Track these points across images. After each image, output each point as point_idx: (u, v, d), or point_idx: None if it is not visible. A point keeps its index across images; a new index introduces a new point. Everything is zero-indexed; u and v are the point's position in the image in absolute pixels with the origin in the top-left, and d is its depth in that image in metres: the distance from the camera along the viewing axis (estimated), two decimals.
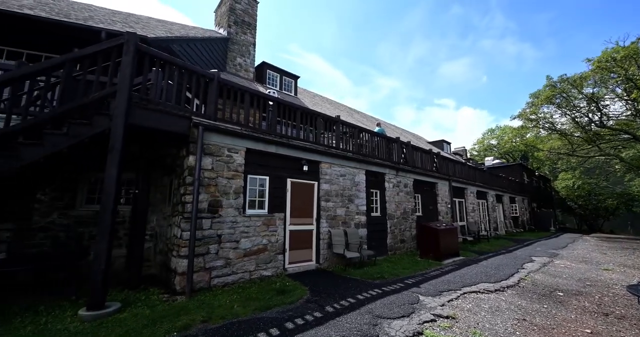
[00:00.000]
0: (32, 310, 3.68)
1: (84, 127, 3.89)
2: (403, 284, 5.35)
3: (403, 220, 9.22)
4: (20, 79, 3.83)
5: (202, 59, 9.42)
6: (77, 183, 5.97)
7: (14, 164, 3.53)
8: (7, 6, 6.21)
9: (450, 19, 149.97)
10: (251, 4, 13.05)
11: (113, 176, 3.81)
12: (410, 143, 10.56)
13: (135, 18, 9.53)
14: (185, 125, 4.77)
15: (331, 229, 6.83)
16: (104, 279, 3.63)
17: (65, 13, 7.07)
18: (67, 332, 3.11)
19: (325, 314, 3.77)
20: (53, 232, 5.62)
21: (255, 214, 5.55)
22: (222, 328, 3.29)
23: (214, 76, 5.33)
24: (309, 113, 7.15)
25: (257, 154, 5.77)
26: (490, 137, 41.47)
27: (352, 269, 6.32)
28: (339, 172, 7.37)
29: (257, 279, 5.26)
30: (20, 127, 3.66)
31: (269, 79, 12.91)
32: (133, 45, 4.17)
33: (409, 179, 9.92)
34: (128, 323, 3.33)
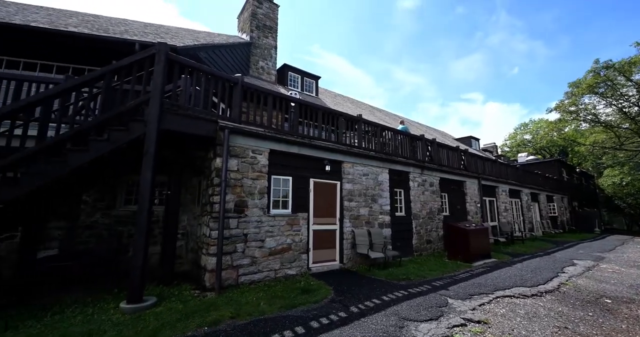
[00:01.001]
0: (81, 302, 4.03)
1: (122, 133, 4.18)
2: (430, 286, 5.20)
3: (429, 220, 8.94)
4: (68, 91, 4.21)
5: (227, 64, 9.76)
6: (116, 185, 6.45)
7: (64, 168, 3.89)
8: (55, 25, 6.84)
9: (455, 19, 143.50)
10: (272, 8, 13.30)
11: (148, 178, 4.07)
12: (436, 140, 10.21)
13: (165, 29, 10.09)
14: (212, 129, 4.98)
15: (354, 229, 6.79)
16: (141, 274, 3.88)
17: (104, 28, 7.65)
18: (110, 322, 3.37)
19: (350, 315, 3.76)
20: (97, 231, 6.11)
21: (280, 213, 5.65)
22: (250, 325, 3.40)
23: (238, 80, 5.51)
24: (330, 113, 7.16)
25: (280, 154, 5.88)
26: (523, 132, 38.92)
27: (377, 270, 6.24)
28: (361, 171, 7.30)
29: (282, 277, 5.36)
30: (68, 135, 4.02)
31: (291, 81, 13.09)
32: (164, 54, 4.42)
33: (435, 177, 9.60)
34: (163, 317, 3.54)
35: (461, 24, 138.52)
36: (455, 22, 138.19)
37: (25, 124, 4.06)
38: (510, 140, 39.78)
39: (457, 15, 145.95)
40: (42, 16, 7.74)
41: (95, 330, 3.15)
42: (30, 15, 7.64)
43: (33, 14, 7.92)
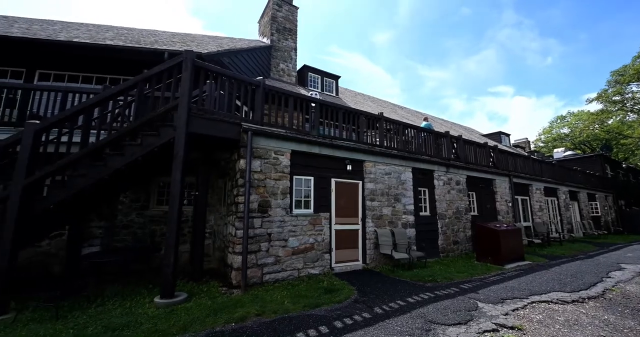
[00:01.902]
0: (120, 295, 4.33)
1: (153, 138, 4.45)
2: (458, 288, 5.00)
3: (456, 220, 8.60)
4: (106, 100, 4.55)
5: (249, 68, 10.02)
6: (149, 187, 6.85)
7: (104, 171, 4.21)
8: (94, 40, 7.41)
9: (461, 19, 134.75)
10: (291, 11, 13.47)
11: (178, 180, 4.29)
12: (462, 137, 9.80)
13: (191, 37, 10.56)
14: (236, 131, 5.14)
15: (377, 229, 6.70)
16: (172, 271, 4.10)
17: (136, 40, 8.16)
18: (146, 316, 3.59)
19: (374, 316, 3.71)
20: (133, 229, 6.54)
21: (302, 213, 5.72)
22: (275, 322, 3.47)
23: (259, 83, 5.64)
24: (351, 112, 7.12)
25: (301, 155, 5.94)
26: (560, 126, 36.14)
27: (401, 271, 6.11)
28: (383, 170, 7.19)
29: (305, 276, 5.42)
30: (106, 141, 4.34)
31: (311, 81, 13.18)
32: (190, 62, 4.64)
33: (462, 175, 9.22)
34: (194, 312, 3.71)
35: (468, 24, 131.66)
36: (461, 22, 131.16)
37: (70, 132, 4.44)
38: (545, 135, 37.14)
39: (462, 16, 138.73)
40: (82, 32, 8.41)
41: (133, 322, 3.37)
42: (73, 31, 8.33)
43: (75, 30, 8.62)
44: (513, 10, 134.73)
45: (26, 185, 3.91)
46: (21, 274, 4.84)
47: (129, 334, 3.08)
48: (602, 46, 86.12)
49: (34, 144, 4.06)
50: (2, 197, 3.92)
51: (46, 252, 5.82)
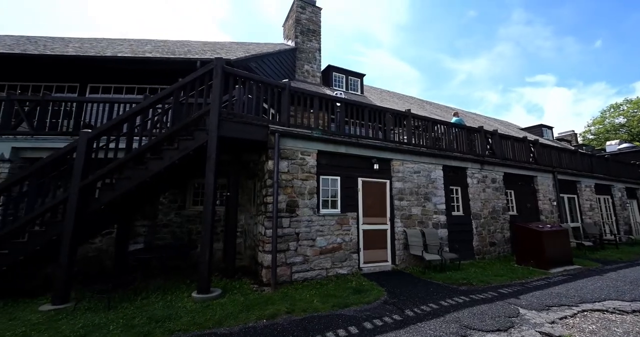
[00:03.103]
0: (161, 289, 4.66)
1: (188, 142, 4.73)
2: (496, 293, 4.72)
3: (492, 220, 8.10)
4: (146, 109, 4.93)
5: (274, 71, 10.26)
6: (185, 188, 7.30)
7: (146, 174, 4.56)
8: (135, 53, 8.05)
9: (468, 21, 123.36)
10: (315, 12, 13.56)
11: (211, 181, 4.52)
12: (497, 132, 9.21)
13: (220, 45, 11.06)
14: (263, 133, 5.30)
15: (406, 229, 6.52)
16: (208, 268, 4.32)
17: (171, 51, 8.73)
18: (184, 309, 3.83)
19: (405, 318, 3.63)
20: (172, 228, 7.00)
21: (329, 213, 5.74)
22: (304, 321, 3.52)
23: (285, 86, 5.76)
24: (376, 110, 7.01)
25: (327, 155, 5.96)
26: (614, 115, 32.40)
27: (433, 273, 5.89)
28: (412, 169, 6.98)
29: (333, 276, 5.43)
30: (147, 146, 4.69)
31: (335, 81, 13.17)
32: (220, 68, 4.87)
33: (498, 173, 8.66)
34: (228, 307, 3.88)
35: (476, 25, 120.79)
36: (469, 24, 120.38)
37: (117, 139, 4.86)
38: (596, 126, 33.54)
39: (469, 18, 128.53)
40: (125, 47, 9.17)
41: (174, 315, 3.61)
42: (117, 47, 9.11)
43: (119, 46, 9.43)
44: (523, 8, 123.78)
45: (82, 187, 4.36)
46: (78, 267, 5.40)
47: (170, 326, 3.31)
48: None
49: (87, 151, 4.51)
50: (63, 198, 4.40)
51: (99, 249, 6.43)
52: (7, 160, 5.85)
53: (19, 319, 3.58)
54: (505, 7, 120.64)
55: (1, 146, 5.87)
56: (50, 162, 4.59)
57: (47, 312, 3.75)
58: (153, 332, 3.18)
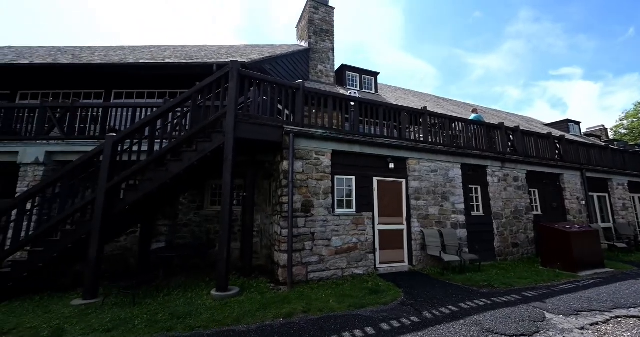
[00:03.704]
0: (182, 286, 4.82)
1: (206, 144, 4.86)
2: (520, 296, 4.53)
3: (514, 220, 7.79)
4: (166, 112, 5.11)
5: (288, 72, 10.35)
6: (204, 189, 7.50)
7: (167, 175, 4.73)
8: (155, 59, 8.36)
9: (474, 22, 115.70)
10: (328, 12, 13.56)
11: (228, 182, 4.63)
12: (519, 128, 8.84)
13: (235, 48, 11.29)
14: (278, 134, 5.36)
15: (424, 229, 6.39)
16: (226, 266, 4.43)
17: (189, 56, 9.00)
18: (204, 306, 3.94)
19: (423, 320, 3.56)
20: (191, 228, 7.22)
21: (344, 213, 5.72)
22: (321, 320, 3.53)
23: (299, 86, 5.80)
24: (391, 108, 6.91)
25: (342, 154, 5.95)
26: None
27: (451, 274, 5.74)
28: (429, 167, 6.83)
29: (349, 276, 5.41)
30: (168, 148, 4.87)
31: (349, 80, 13.10)
32: (236, 71, 4.97)
33: (521, 171, 8.32)
34: (245, 305, 3.96)
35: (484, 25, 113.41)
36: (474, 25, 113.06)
37: (139, 142, 5.07)
38: (629, 120, 31.37)
39: (475, 19, 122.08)
40: (146, 53, 9.56)
41: (194, 311, 3.73)
42: (139, 54, 9.51)
43: (140, 52, 9.84)
44: None
45: (108, 189, 4.59)
46: (105, 265, 5.69)
47: (191, 322, 3.42)
48: None
49: (112, 154, 4.74)
50: (91, 199, 4.64)
51: (124, 247, 6.74)
52: (41, 164, 6.24)
53: (53, 312, 3.82)
54: (510, 6, 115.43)
55: (36, 150, 6.28)
56: (80, 165, 4.86)
57: (78, 307, 3.98)
58: (175, 327, 3.30)
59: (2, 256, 4.58)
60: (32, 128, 6.56)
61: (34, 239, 4.61)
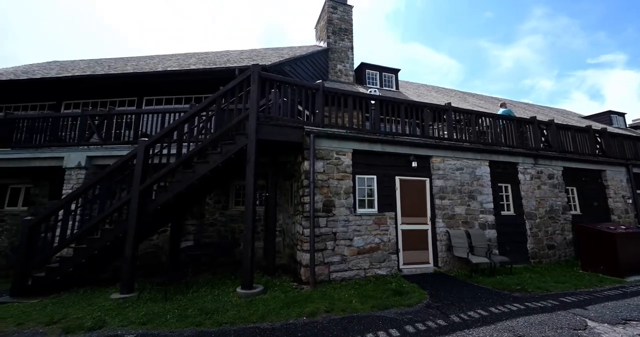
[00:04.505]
0: (210, 284, 5.02)
1: (230, 146, 5.02)
2: (557, 301, 4.24)
3: (550, 220, 7.29)
4: (193, 117, 5.35)
5: (308, 73, 10.43)
6: (228, 190, 7.76)
7: (194, 177, 4.95)
8: (181, 66, 8.77)
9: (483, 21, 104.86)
10: (346, 11, 13.48)
11: (251, 183, 4.75)
12: (554, 122, 8.27)
13: (256, 52, 11.57)
14: (299, 135, 5.42)
15: (449, 230, 6.17)
16: (251, 265, 4.55)
17: (213, 61, 9.36)
18: (230, 303, 4.08)
19: (451, 324, 3.44)
20: (217, 227, 7.50)
21: (366, 213, 5.66)
22: (344, 320, 3.53)
23: (319, 87, 5.83)
24: (413, 105, 6.75)
25: (363, 154, 5.90)
26: None
27: (480, 277, 5.49)
28: (454, 165, 6.58)
29: (371, 277, 5.35)
30: (194, 151, 5.09)
31: (369, 78, 12.95)
32: (257, 74, 5.09)
33: (556, 167, 7.77)
34: (270, 303, 4.04)
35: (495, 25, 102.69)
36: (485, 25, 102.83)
37: (169, 145, 5.35)
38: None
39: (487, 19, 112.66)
40: (173, 61, 10.06)
41: (221, 308, 3.87)
42: (167, 62, 10.03)
43: (168, 61, 10.37)
44: None
45: (141, 190, 4.89)
46: (140, 262, 6.06)
47: (218, 318, 3.55)
48: None
49: (145, 157, 5.04)
50: (126, 200, 4.97)
51: (156, 245, 7.14)
52: (83, 168, 6.78)
53: (95, 304, 4.14)
54: (522, 5, 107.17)
55: (79, 155, 6.83)
56: (116, 168, 5.22)
57: (116, 300, 4.27)
58: (204, 323, 3.44)
59: (52, 253, 5.03)
60: (75, 135, 7.13)
61: (78, 237, 5.01)
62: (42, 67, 11.39)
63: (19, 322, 3.62)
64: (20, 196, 8.37)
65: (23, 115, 7.92)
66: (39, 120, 7.29)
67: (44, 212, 5.31)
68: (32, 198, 8.19)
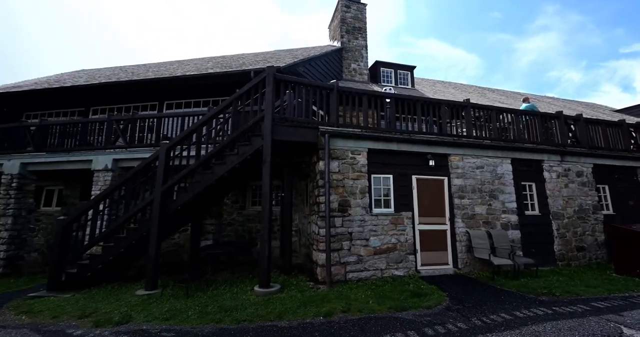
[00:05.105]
0: (228, 282, 5.14)
1: (246, 147, 5.12)
2: (588, 307, 4.01)
3: (579, 220, 6.90)
4: (210, 119, 5.50)
5: (322, 73, 10.45)
6: (245, 190, 7.91)
7: (212, 178, 5.09)
8: (199, 70, 9.04)
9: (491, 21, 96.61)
10: (360, 9, 13.39)
11: (267, 183, 4.82)
12: (582, 116, 7.81)
13: (270, 54, 11.72)
14: (314, 135, 5.44)
15: (469, 230, 5.98)
16: (268, 264, 4.61)
17: (228, 65, 9.57)
18: (248, 301, 4.16)
19: (472, 327, 3.33)
20: (235, 227, 7.67)
21: (382, 212, 5.60)
22: (361, 321, 3.50)
23: (333, 87, 5.82)
24: (430, 103, 6.60)
25: (378, 153, 5.83)
26: None
27: (503, 279, 5.29)
28: (474, 164, 6.37)
29: (388, 277, 5.28)
30: (212, 153, 5.23)
31: (384, 77, 12.80)
32: (272, 76, 5.16)
33: (585, 164, 7.35)
34: (287, 302, 4.08)
35: None
36: None
37: (188, 147, 5.53)
38: None
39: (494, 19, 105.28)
40: (191, 66, 10.39)
41: (240, 306, 3.95)
42: (185, 67, 10.37)
43: (186, 66, 10.72)
44: None
45: (163, 191, 5.08)
46: (163, 260, 6.30)
47: (237, 316, 3.63)
48: None
49: (166, 159, 5.24)
50: (149, 200, 5.18)
51: (177, 244, 7.40)
52: (109, 170, 7.14)
53: (122, 300, 4.35)
54: (530, 4, 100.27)
55: (105, 158, 7.20)
56: (140, 170, 5.46)
57: (141, 296, 4.47)
58: (223, 320, 3.53)
59: (83, 250, 5.34)
60: (102, 139, 7.53)
61: (106, 236, 5.28)
62: (71, 75, 12.11)
63: (55, 315, 3.87)
64: (54, 197, 8.93)
65: (56, 121, 8.44)
66: (69, 125, 7.76)
67: (75, 212, 5.65)
68: (64, 199, 8.73)
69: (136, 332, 3.31)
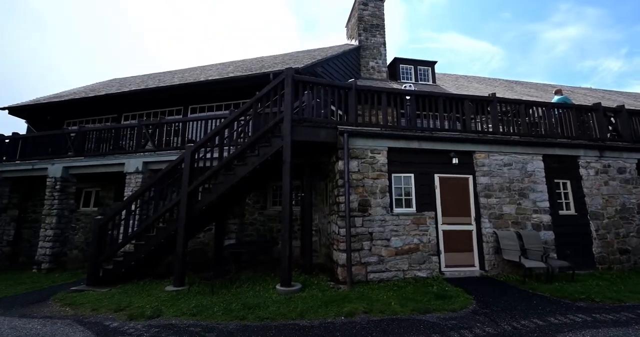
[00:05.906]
0: (251, 280, 5.27)
1: (267, 148, 5.23)
2: (633, 314, 3.69)
3: (621, 220, 6.36)
4: (232, 122, 5.67)
5: (339, 72, 10.42)
6: (266, 191, 8.07)
7: (234, 179, 5.25)
8: (221, 75, 9.34)
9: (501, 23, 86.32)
10: (378, 6, 13.21)
11: (287, 183, 4.89)
12: (624, 108, 7.20)
13: (289, 56, 11.87)
14: (332, 135, 5.44)
15: (497, 231, 5.71)
16: (288, 262, 4.68)
17: (248, 68, 9.81)
18: (271, 300, 4.24)
19: (501, 332, 3.18)
20: (256, 226, 7.84)
21: (403, 212, 5.49)
22: (383, 322, 3.46)
23: (351, 86, 5.79)
24: (452, 98, 6.38)
25: (399, 152, 5.72)
26: None
27: (535, 283, 4.99)
28: (501, 161, 6.08)
29: (411, 279, 5.16)
30: (234, 155, 5.39)
31: (403, 73, 12.54)
32: (290, 77, 5.23)
33: (628, 160, 6.76)
34: (308, 301, 4.12)
35: None
36: None
37: (211, 150, 5.73)
38: None
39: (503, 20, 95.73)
40: (213, 71, 10.75)
41: (262, 304, 4.04)
42: (208, 72, 10.76)
43: (208, 71, 11.11)
44: None
45: (189, 192, 5.30)
46: (189, 258, 6.57)
47: (260, 313, 3.71)
48: None
49: (191, 161, 5.47)
50: (176, 201, 5.43)
51: (202, 242, 7.69)
52: (140, 172, 7.56)
53: (153, 295, 4.59)
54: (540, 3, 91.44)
55: (136, 161, 7.63)
56: (167, 172, 5.73)
57: (170, 292, 4.70)
58: (247, 317, 3.63)
59: (117, 248, 5.70)
60: (133, 143, 7.99)
61: (137, 235, 5.61)
62: (105, 84, 12.96)
63: (94, 308, 4.17)
64: (92, 198, 9.61)
65: (92, 128, 9.08)
66: (104, 131, 8.31)
67: (110, 213, 6.04)
68: (100, 200, 9.37)
69: (166, 327, 3.48)
